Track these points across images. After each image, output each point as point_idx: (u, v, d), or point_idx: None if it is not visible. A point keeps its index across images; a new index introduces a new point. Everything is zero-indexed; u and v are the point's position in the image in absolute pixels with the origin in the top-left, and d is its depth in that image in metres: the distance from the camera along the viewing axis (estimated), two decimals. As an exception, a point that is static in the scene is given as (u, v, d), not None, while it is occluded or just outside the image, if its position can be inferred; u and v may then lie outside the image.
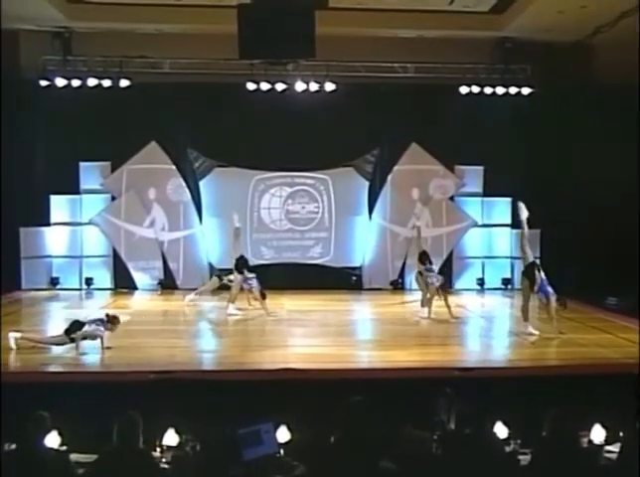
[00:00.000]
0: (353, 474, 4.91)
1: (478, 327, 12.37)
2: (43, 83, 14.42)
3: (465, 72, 15.06)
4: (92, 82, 14.51)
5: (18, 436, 5.30)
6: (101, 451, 5.28)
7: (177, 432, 5.90)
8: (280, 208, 16.08)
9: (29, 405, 5.68)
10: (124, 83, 14.59)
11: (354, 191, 16.10)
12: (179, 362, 8.66)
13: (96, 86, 14.54)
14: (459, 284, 15.92)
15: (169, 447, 5.83)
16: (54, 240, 15.51)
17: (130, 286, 15.47)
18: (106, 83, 14.53)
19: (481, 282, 16.04)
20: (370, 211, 16.04)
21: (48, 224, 15.44)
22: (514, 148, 15.32)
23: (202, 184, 15.79)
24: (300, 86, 14.72)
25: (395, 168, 15.94)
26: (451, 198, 16.14)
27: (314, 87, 14.72)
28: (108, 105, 14.51)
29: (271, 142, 15.05)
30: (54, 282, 15.43)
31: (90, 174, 15.50)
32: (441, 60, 14.80)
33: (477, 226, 16.15)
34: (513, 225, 15.90)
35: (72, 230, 15.59)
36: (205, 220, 15.79)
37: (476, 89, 15.04)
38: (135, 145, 15.36)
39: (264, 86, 14.54)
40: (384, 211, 16.03)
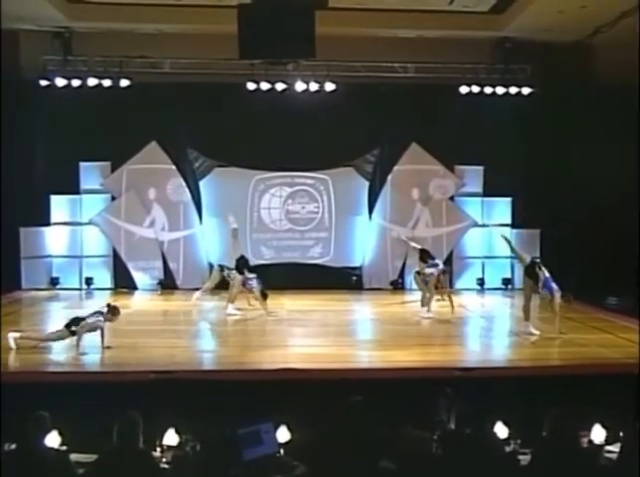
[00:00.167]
0: (353, 474, 4.91)
1: (478, 327, 12.38)
2: (43, 83, 14.43)
3: (465, 72, 15.06)
4: (93, 82, 14.51)
5: (18, 436, 5.30)
6: (102, 451, 5.28)
7: (177, 432, 5.90)
8: (280, 208, 16.07)
9: (29, 405, 5.68)
10: (124, 83, 14.58)
11: (354, 191, 16.09)
12: (179, 362, 8.67)
13: (97, 86, 14.54)
14: (459, 284, 15.89)
15: (169, 447, 5.82)
16: (54, 240, 15.51)
17: (130, 286, 15.46)
18: (107, 83, 14.53)
19: (481, 282, 16.03)
20: (370, 211, 16.03)
21: (48, 224, 15.43)
22: (514, 148, 15.32)
23: (202, 184, 15.78)
24: (300, 86, 14.72)
25: (395, 168, 15.93)
26: (451, 198, 16.13)
27: (314, 87, 14.72)
28: (108, 105, 14.51)
29: (271, 142, 15.04)
30: (54, 282, 15.43)
31: (91, 174, 15.50)
32: (441, 60, 14.79)
33: (477, 226, 16.13)
34: (513, 224, 15.97)
35: (72, 229, 15.58)
36: (205, 220, 15.78)
37: (476, 89, 15.03)
38: (135, 145, 15.36)
39: (264, 86, 14.54)
40: (384, 211, 16.02)
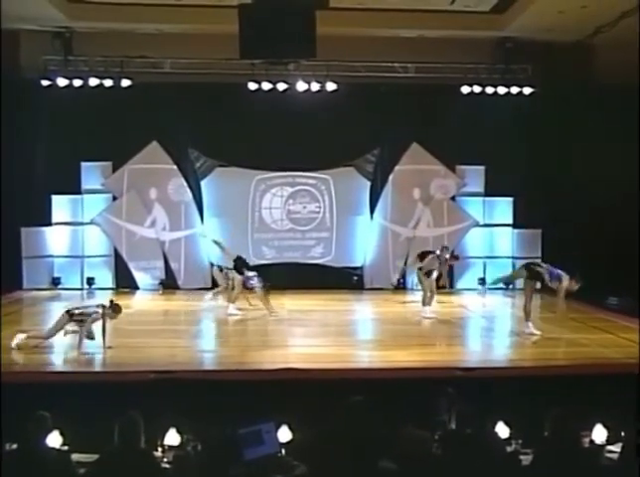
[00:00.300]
0: (354, 474, 4.91)
1: (479, 327, 12.37)
2: (44, 84, 14.43)
3: (466, 71, 15.06)
4: (94, 82, 14.52)
5: (19, 436, 5.30)
6: (102, 451, 5.28)
7: (178, 432, 5.90)
8: (281, 208, 16.07)
9: (30, 406, 5.68)
10: (125, 83, 14.59)
11: (355, 191, 16.09)
12: (180, 362, 8.67)
13: (98, 86, 14.54)
14: (460, 284, 15.91)
15: (170, 447, 5.83)
16: (55, 240, 15.52)
17: (131, 286, 15.47)
18: (108, 83, 14.54)
19: (482, 282, 16.02)
20: (371, 211, 16.03)
21: (49, 223, 15.44)
22: (515, 148, 15.31)
23: (203, 184, 15.79)
24: (301, 86, 14.72)
25: (396, 168, 15.92)
26: (452, 198, 16.13)
27: (315, 87, 14.72)
28: (109, 105, 14.53)
29: (272, 142, 15.05)
30: (55, 282, 15.44)
31: (92, 174, 15.50)
32: (442, 59, 14.78)
33: (478, 225, 16.13)
34: (514, 224, 15.97)
35: (73, 229, 15.59)
36: (206, 219, 15.78)
37: (477, 89, 15.03)
38: (136, 145, 15.36)
39: (265, 86, 14.54)
40: (385, 211, 16.02)
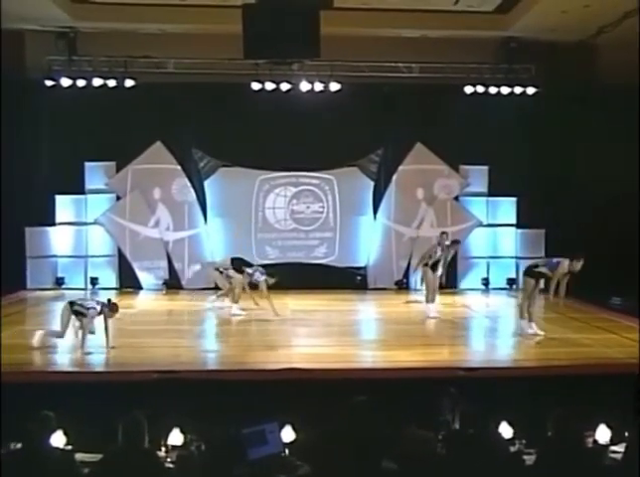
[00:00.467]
0: (357, 474, 4.91)
1: (483, 327, 12.37)
2: (48, 84, 14.44)
3: (469, 71, 15.04)
4: (97, 82, 14.52)
5: (24, 436, 5.31)
6: (106, 451, 5.29)
7: (182, 432, 5.91)
8: (285, 207, 16.06)
9: (34, 405, 5.70)
10: (129, 83, 14.59)
11: (358, 191, 16.08)
12: (183, 362, 8.69)
13: (101, 86, 14.55)
14: (464, 284, 15.90)
15: (174, 447, 5.84)
16: (59, 240, 15.53)
17: (135, 286, 15.47)
18: (111, 83, 14.54)
19: (486, 282, 16.00)
20: (374, 211, 16.02)
21: (53, 223, 15.45)
22: (518, 148, 15.30)
23: (207, 184, 15.79)
24: (305, 86, 14.72)
25: (399, 168, 15.91)
26: (456, 198, 16.10)
27: (319, 87, 14.71)
28: (113, 105, 14.54)
29: (276, 142, 15.04)
30: (59, 282, 15.44)
31: (95, 174, 15.51)
32: (446, 59, 14.77)
33: (482, 225, 16.11)
34: (518, 224, 15.95)
35: (77, 229, 15.60)
36: (210, 219, 15.79)
37: (480, 89, 15.01)
38: (140, 145, 15.36)
39: (269, 86, 14.54)
40: (388, 211, 16.01)
